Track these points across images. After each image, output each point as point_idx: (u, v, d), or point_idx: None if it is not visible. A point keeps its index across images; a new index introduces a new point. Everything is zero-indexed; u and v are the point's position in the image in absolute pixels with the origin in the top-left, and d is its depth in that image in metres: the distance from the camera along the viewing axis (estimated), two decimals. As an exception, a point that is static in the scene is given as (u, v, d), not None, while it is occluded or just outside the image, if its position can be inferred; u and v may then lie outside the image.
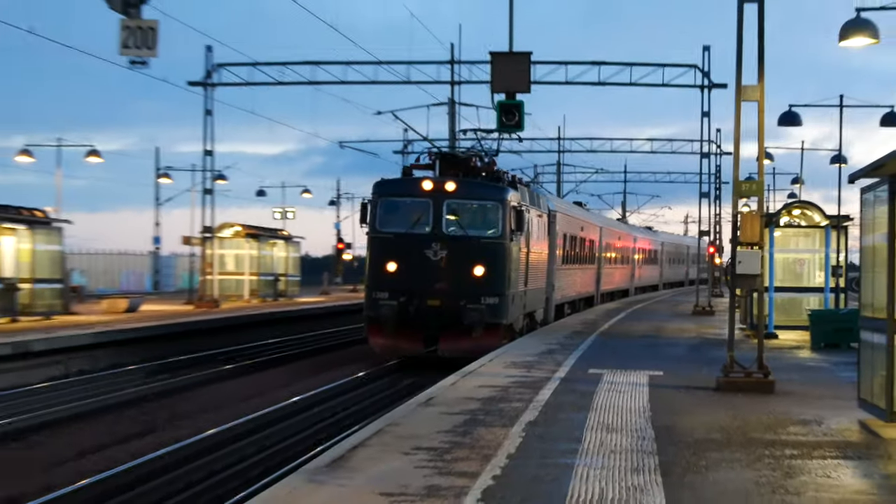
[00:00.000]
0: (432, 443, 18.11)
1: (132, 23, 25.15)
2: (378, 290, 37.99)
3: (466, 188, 39.84)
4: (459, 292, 37.29)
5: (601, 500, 13.98)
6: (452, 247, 37.99)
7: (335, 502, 13.64)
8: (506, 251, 39.17)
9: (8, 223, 51.42)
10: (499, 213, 38.45)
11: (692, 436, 19.43)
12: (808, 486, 15.39)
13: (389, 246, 39.54)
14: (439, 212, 37.68)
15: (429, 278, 37.73)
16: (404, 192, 40.75)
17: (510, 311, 40.09)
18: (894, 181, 19.84)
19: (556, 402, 23.22)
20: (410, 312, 37.35)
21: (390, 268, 37.23)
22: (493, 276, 38.08)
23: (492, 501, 13.79)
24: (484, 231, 39.06)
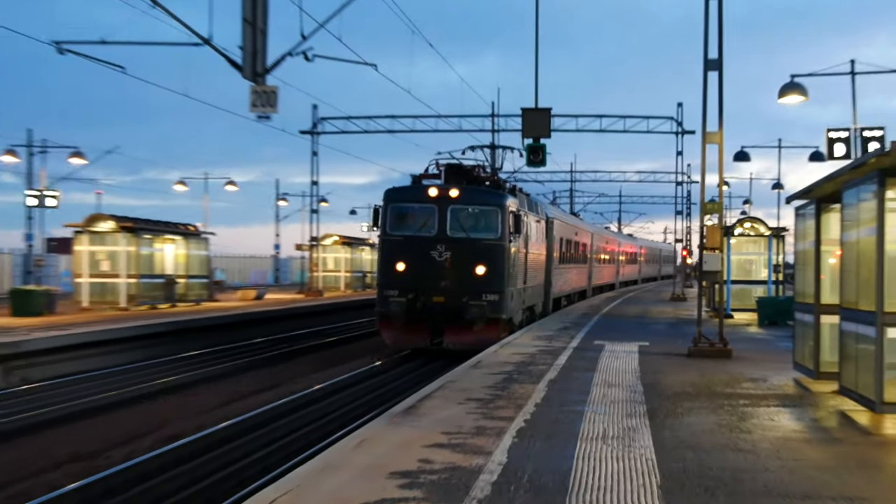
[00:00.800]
0: (479, 395, 18.25)
1: (259, 88, 25.33)
2: (388, 287, 33.92)
3: (469, 194, 35.15)
4: (462, 290, 32.75)
5: (604, 437, 14.10)
6: (456, 248, 33.65)
7: (409, 438, 13.76)
8: (505, 252, 34.46)
9: (169, 235, 52.09)
10: (498, 218, 33.80)
11: (671, 390, 19.48)
12: (757, 426, 15.47)
13: (398, 247, 35.12)
14: (444, 216, 33.23)
15: (434, 277, 33.28)
16: (412, 198, 35.95)
17: (509, 306, 35.36)
18: (819, 202, 20.03)
19: (570, 365, 23.28)
20: (418, 308, 33.08)
21: (399, 267, 33.22)
22: (494, 275, 33.56)
23: (524, 438, 13.93)
24: (485, 234, 34.29)
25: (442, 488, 10.77)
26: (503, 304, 32.22)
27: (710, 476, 11.72)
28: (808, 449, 13.76)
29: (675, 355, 26.39)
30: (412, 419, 15.52)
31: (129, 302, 48.52)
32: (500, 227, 32.34)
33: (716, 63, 26.66)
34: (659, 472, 11.82)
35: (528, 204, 39.75)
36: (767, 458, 12.92)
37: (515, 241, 34.11)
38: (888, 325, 14.52)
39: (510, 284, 33.25)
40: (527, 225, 38.10)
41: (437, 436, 13.96)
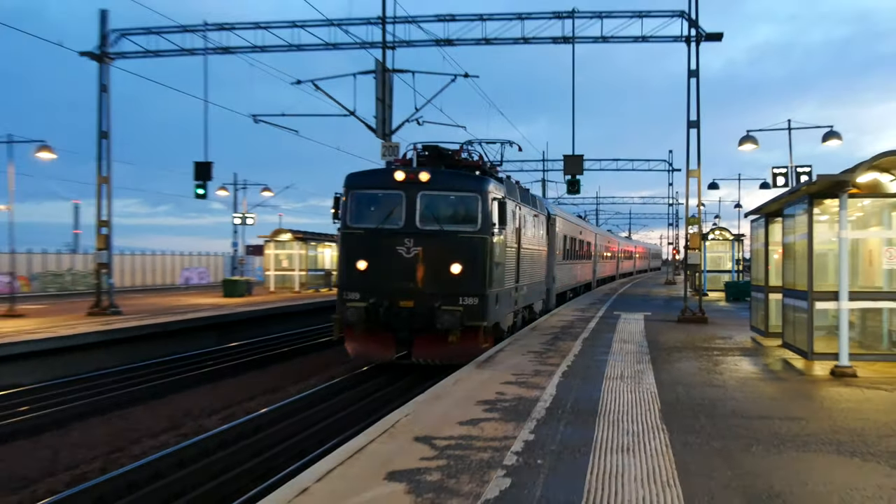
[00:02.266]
0: (536, 348, 18.22)
1: (387, 144, 25.36)
2: (348, 289, 21.32)
3: (442, 178, 21.85)
4: (434, 292, 20.27)
5: (622, 376, 14.03)
6: (427, 243, 21.00)
7: (489, 378, 13.78)
8: (486, 247, 21.10)
9: (326, 242, 52.43)
10: (477, 206, 21.08)
11: (666, 345, 19.32)
12: (726, 369, 15.31)
13: (359, 242, 21.76)
14: (413, 205, 21.05)
15: (401, 277, 20.83)
16: (375, 184, 22.34)
17: (492, 311, 21.29)
18: (767, 217, 20.06)
19: (598, 328, 23.16)
20: (380, 315, 20.35)
21: (360, 266, 20.92)
22: (472, 275, 20.58)
23: (567, 378, 13.90)
24: (462, 225, 21.26)
25: (512, 412, 10.79)
26: (484, 308, 19.61)
27: (694, 403, 11.65)
28: (761, 385, 13.62)
29: (669, 321, 26.16)
30: (491, 365, 15.53)
31: (300, 287, 49.96)
32: (481, 216, 19.95)
33: (695, 123, 26.49)
34: (659, 400, 11.76)
35: (520, 195, 25.36)
36: (734, 391, 12.81)
37: (501, 234, 21.17)
38: (816, 300, 14.49)
39: (494, 285, 20.54)
40: (519, 217, 24.29)
41: (508, 376, 13.99)
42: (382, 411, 15.59)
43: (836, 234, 14.51)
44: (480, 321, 19.04)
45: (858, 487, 7.42)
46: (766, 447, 8.94)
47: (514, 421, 10.16)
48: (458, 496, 7.03)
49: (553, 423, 10.12)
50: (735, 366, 15.89)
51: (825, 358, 14.61)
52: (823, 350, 14.59)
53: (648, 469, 7.97)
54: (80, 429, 16.64)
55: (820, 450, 8.86)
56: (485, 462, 8.16)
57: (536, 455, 8.47)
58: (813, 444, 9.09)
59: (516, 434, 9.41)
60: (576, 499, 6.98)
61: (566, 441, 9.11)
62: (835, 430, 9.86)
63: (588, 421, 10.23)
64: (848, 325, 14.38)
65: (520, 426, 9.85)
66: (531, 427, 9.82)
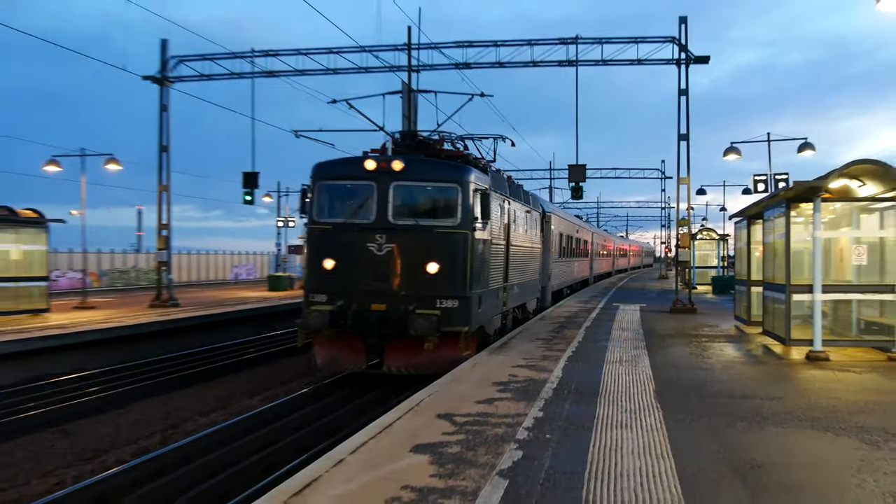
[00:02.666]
0: (544, 336, 18.18)
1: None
2: (314, 291, 17.07)
3: (417, 167, 17.33)
4: (409, 294, 16.01)
5: (620, 361, 13.99)
6: (400, 239, 16.45)
7: (503, 362, 13.75)
8: (467, 243, 16.52)
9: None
10: (457, 198, 16.59)
11: (660, 332, 19.25)
12: (713, 353, 15.26)
13: (327, 239, 17.28)
14: (385, 197, 16.67)
15: (372, 277, 16.36)
16: (344, 174, 17.66)
17: (475, 314, 16.79)
18: (749, 219, 19.97)
19: (598, 318, 23.11)
20: (348, 320, 16.00)
21: (327, 265, 16.61)
22: (451, 274, 16.23)
23: (571, 361, 13.88)
24: (440, 219, 16.63)
25: (523, 392, 10.79)
26: (465, 311, 15.84)
27: (685, 384, 11.62)
28: (744, 368, 13.57)
29: (663, 312, 26.07)
30: (504, 351, 15.53)
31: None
32: (461, 210, 16.06)
33: (684, 136, 26.41)
34: (654, 381, 11.73)
35: (510, 189, 21.01)
36: (720, 373, 12.78)
37: (485, 229, 17.12)
38: (793, 292, 14.46)
39: (477, 285, 16.51)
40: (509, 213, 20.03)
41: (519, 360, 13.98)
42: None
43: (810, 234, 14.49)
44: (461, 326, 15.27)
45: (831, 458, 7.41)
46: (749, 423, 8.93)
47: (525, 400, 10.18)
48: (476, 466, 7.06)
49: (560, 402, 10.13)
50: (721, 351, 15.83)
51: (801, 344, 14.57)
52: (799, 337, 14.57)
53: (644, 443, 7.97)
54: (139, 408, 16.76)
55: (797, 425, 8.84)
56: (499, 436, 8.18)
57: (545, 430, 8.49)
58: (791, 421, 9.07)
59: (527, 412, 9.43)
60: (580, 469, 7.00)
61: (571, 418, 9.12)
62: (810, 407, 9.84)
63: (591, 400, 10.23)
64: (821, 315, 14.39)
65: (530, 405, 9.87)
66: (540, 405, 9.83)
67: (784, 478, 6.79)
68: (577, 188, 30.81)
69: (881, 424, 8.88)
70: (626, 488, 6.44)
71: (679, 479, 6.71)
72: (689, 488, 6.44)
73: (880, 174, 14.25)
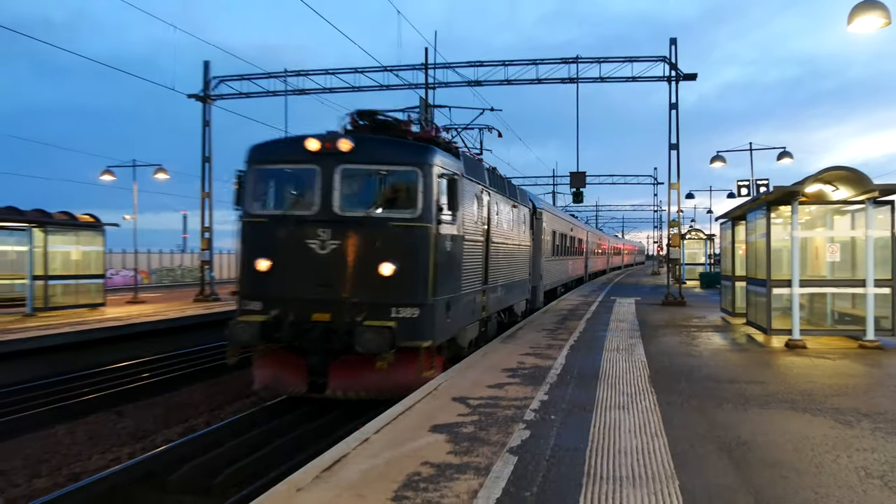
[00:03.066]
0: (549, 327, 18.14)
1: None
2: (248, 298, 11.53)
3: (369, 147, 11.69)
4: (359, 302, 10.92)
5: (618, 349, 13.96)
6: (349, 234, 11.17)
7: (511, 350, 13.73)
8: (429, 239, 11.37)
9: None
10: (418, 184, 11.29)
11: (653, 323, 19.21)
12: (701, 342, 15.22)
13: (261, 234, 11.72)
14: (329, 183, 11.26)
15: (314, 281, 11.14)
16: (283, 156, 11.93)
17: (441, 325, 11.78)
18: (734, 220, 19.89)
19: (598, 311, 23.06)
20: (285, 332, 10.94)
21: (262, 266, 11.17)
22: (411, 277, 11.16)
23: (573, 350, 13.84)
24: (396, 210, 11.38)
25: (530, 377, 10.79)
26: (427, 322, 11.49)
27: (676, 369, 11.59)
28: (730, 355, 13.52)
29: (655, 305, 26.00)
30: (512, 340, 15.50)
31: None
32: (422, 198, 11.65)
33: (675, 145, 26.37)
34: (648, 368, 11.71)
35: (490, 179, 16.51)
36: (708, 360, 12.73)
37: (455, 223, 12.57)
38: (773, 286, 14.41)
39: (444, 289, 12.14)
40: (489, 205, 15.87)
41: (526, 349, 13.96)
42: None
43: (789, 234, 14.47)
44: (421, 340, 11.28)
45: (809, 437, 7.38)
46: (735, 405, 8.90)
47: (532, 385, 10.17)
48: (488, 444, 7.06)
49: (563, 386, 10.12)
50: (709, 340, 15.78)
51: (781, 333, 14.52)
52: (779, 326, 14.53)
53: (640, 422, 7.95)
54: (185, 392, 16.82)
55: (778, 407, 8.80)
56: (509, 417, 8.18)
57: (550, 412, 8.48)
58: (772, 403, 9.04)
59: (534, 395, 9.42)
60: (582, 446, 6.99)
61: (574, 401, 9.11)
62: (789, 391, 9.80)
63: (591, 384, 10.22)
64: (799, 307, 14.34)
65: (536, 389, 9.86)
66: (546, 389, 9.82)
67: (766, 454, 6.76)
68: (577, 193, 30.78)
69: (854, 406, 8.84)
70: (624, 464, 6.43)
71: (672, 455, 6.69)
72: (680, 463, 6.43)
73: (852, 180, 14.22)
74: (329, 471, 6.24)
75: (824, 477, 6.09)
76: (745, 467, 6.34)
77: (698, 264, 46.72)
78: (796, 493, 5.68)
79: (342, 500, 5.54)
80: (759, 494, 5.65)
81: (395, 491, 5.72)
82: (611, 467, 6.33)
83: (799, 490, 5.76)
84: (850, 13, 12.00)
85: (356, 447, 6.98)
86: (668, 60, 26.81)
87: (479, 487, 5.80)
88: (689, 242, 46.84)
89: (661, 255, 71.55)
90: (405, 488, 5.78)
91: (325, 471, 6.24)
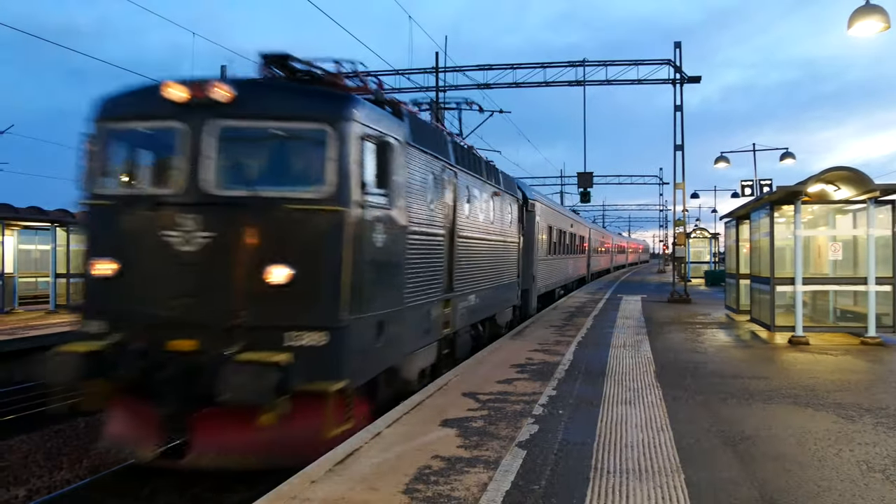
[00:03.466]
0: (556, 323, 18.09)
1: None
2: (87, 315, 6.67)
3: (259, 96, 6.81)
4: (237, 324, 6.35)
5: (624, 345, 13.92)
6: (226, 222, 6.47)
7: (520, 346, 13.70)
8: (346, 228, 6.74)
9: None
10: (328, 148, 6.40)
11: (659, 320, 19.14)
12: (706, 338, 15.16)
13: (106, 223, 6.78)
14: (198, 147, 6.36)
15: (172, 292, 6.50)
16: (137, 111, 6.84)
17: (364, 356, 7.44)
18: (738, 219, 19.91)
19: (605, 308, 23.01)
20: (126, 367, 6.26)
21: (102, 269, 6.19)
22: (316, 285, 6.65)
23: (581, 346, 13.81)
24: (294, 187, 6.65)
25: (539, 373, 10.77)
26: (342, 352, 6.95)
27: (681, 365, 11.55)
28: (734, 351, 13.48)
29: (661, 302, 25.92)
30: (521, 337, 15.47)
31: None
32: (336, 169, 6.89)
33: (680, 146, 26.25)
34: (654, 363, 11.67)
35: (458, 154, 11.99)
36: (713, 356, 12.69)
37: (391, 206, 8.11)
38: (776, 284, 14.38)
39: (372, 303, 7.61)
40: (456, 188, 11.48)
41: (534, 345, 13.93)
42: None
43: (792, 233, 14.43)
44: (330, 380, 7.18)
45: (811, 431, 7.34)
46: (739, 400, 8.86)
47: (540, 380, 10.15)
48: (497, 438, 7.05)
49: (571, 381, 10.09)
50: (713, 336, 15.72)
51: (784, 330, 14.48)
52: (783, 323, 14.51)
53: (646, 417, 7.93)
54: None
55: (781, 402, 8.76)
56: (518, 412, 8.16)
57: (558, 407, 8.46)
58: (775, 398, 8.99)
59: (542, 390, 9.40)
60: (590, 441, 6.97)
61: (581, 396, 9.09)
62: (792, 386, 9.75)
63: (598, 380, 10.19)
64: (802, 304, 14.31)
65: (545, 384, 9.84)
66: (554, 385, 9.80)
67: (770, 448, 6.73)
68: (585, 193, 30.78)
69: (856, 401, 8.79)
70: (630, 458, 6.41)
71: (677, 449, 6.67)
72: (686, 457, 6.41)
73: (853, 180, 14.15)
74: (342, 464, 6.25)
75: (827, 470, 6.06)
76: (750, 461, 6.32)
77: (703, 262, 46.49)
78: (799, 486, 5.66)
79: (355, 492, 5.55)
80: (763, 487, 5.62)
81: (407, 484, 5.72)
82: (618, 461, 6.31)
83: (802, 483, 5.74)
84: (850, 17, 11.91)
85: (369, 441, 6.98)
86: (673, 63, 26.73)
87: (489, 480, 5.79)
88: (694, 241, 46.63)
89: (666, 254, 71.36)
90: (416, 481, 5.77)
91: (338, 464, 6.24)
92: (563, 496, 5.47)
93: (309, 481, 5.79)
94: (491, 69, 29.04)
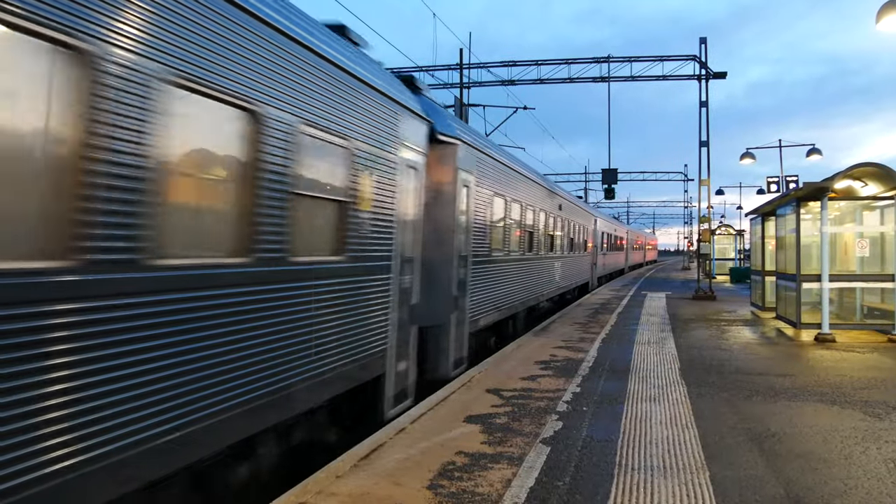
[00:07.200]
0: (580, 320, 18.05)
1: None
2: None
3: None
4: None
5: (648, 342, 13.86)
6: None
7: (544, 343, 13.70)
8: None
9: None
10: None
11: (684, 317, 19.03)
12: (732, 335, 15.06)
13: None
14: None
15: None
16: None
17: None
18: (763, 216, 19.77)
19: (629, 304, 22.91)
20: None
21: None
22: None
23: (605, 343, 13.78)
24: None
25: (563, 370, 10.75)
26: None
27: (706, 362, 11.48)
28: (760, 348, 13.37)
29: (686, 299, 25.75)
30: (545, 333, 15.44)
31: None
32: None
33: (705, 143, 26.05)
34: (679, 361, 11.61)
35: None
36: (738, 353, 12.60)
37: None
38: (803, 281, 14.30)
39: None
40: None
41: (559, 342, 13.90)
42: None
43: (818, 230, 14.31)
44: None
45: (838, 429, 7.27)
46: (764, 397, 8.80)
47: (564, 377, 10.13)
48: (521, 435, 7.05)
49: (595, 378, 10.07)
50: (739, 333, 15.60)
51: (810, 327, 14.37)
52: (809, 321, 14.42)
53: (671, 414, 7.89)
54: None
55: (807, 399, 8.69)
56: (542, 409, 8.15)
57: (582, 403, 8.44)
58: (801, 395, 8.92)
59: (566, 387, 9.38)
60: (614, 438, 6.95)
61: (606, 392, 9.06)
62: (818, 384, 9.66)
63: (622, 377, 10.16)
64: (828, 301, 14.20)
65: (569, 381, 9.83)
66: (578, 381, 9.78)
67: (796, 446, 6.67)
68: (609, 190, 30.67)
69: (883, 398, 8.70)
70: (654, 454, 6.38)
71: (702, 446, 6.63)
72: (711, 454, 6.37)
73: (881, 176, 13.99)
74: (366, 459, 6.27)
75: (853, 468, 6.00)
76: (775, 458, 6.27)
77: (728, 259, 46.21)
78: (826, 484, 5.60)
79: (379, 487, 5.57)
80: (788, 485, 5.57)
81: (431, 479, 5.73)
82: (642, 458, 6.29)
83: (828, 481, 5.68)
84: (878, 12, 11.77)
85: (393, 436, 7.00)
86: (699, 59, 26.52)
87: (513, 476, 5.79)
88: (719, 238, 46.33)
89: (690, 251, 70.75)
90: (440, 477, 5.79)
91: (363, 459, 6.27)
92: (587, 492, 5.46)
93: (334, 476, 5.82)
94: (515, 65, 29.00)
